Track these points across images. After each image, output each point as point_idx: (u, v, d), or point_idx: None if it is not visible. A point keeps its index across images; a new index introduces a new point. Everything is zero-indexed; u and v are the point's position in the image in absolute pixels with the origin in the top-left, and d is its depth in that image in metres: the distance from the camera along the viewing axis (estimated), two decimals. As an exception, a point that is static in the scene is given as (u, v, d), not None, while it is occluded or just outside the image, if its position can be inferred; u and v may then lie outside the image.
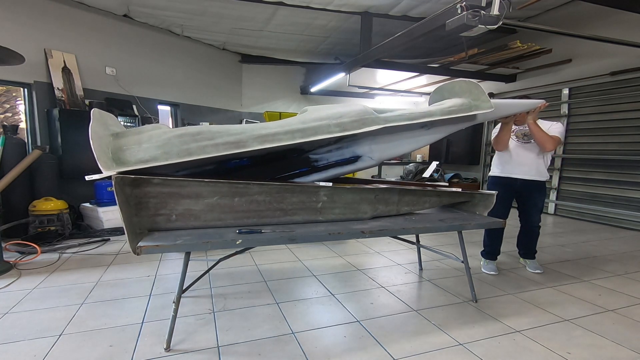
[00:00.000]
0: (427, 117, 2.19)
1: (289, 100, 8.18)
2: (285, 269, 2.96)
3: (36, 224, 3.59)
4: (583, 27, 4.89)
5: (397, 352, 1.77)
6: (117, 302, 2.30)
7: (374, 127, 2.04)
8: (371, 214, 2.27)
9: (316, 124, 1.96)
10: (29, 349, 1.75)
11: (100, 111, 1.83)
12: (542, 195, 2.89)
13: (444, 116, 2.22)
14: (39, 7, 4.27)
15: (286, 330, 1.97)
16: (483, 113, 2.31)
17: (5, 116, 4.88)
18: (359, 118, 2.03)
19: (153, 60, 5.67)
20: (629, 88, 4.64)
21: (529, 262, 3.05)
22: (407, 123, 2.14)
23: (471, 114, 2.29)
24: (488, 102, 2.27)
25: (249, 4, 4.67)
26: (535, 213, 2.91)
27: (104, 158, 1.58)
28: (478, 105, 2.29)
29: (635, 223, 4.60)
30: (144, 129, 1.87)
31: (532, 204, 2.89)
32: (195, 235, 1.76)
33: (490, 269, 2.96)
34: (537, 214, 2.91)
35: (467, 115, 2.29)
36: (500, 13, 2.66)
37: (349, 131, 1.99)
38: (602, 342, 1.91)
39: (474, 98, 2.34)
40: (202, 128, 1.86)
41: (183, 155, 1.72)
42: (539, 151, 2.79)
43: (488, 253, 3.03)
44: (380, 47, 4.52)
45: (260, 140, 1.84)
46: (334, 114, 2.03)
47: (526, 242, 3.03)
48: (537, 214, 2.91)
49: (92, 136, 1.56)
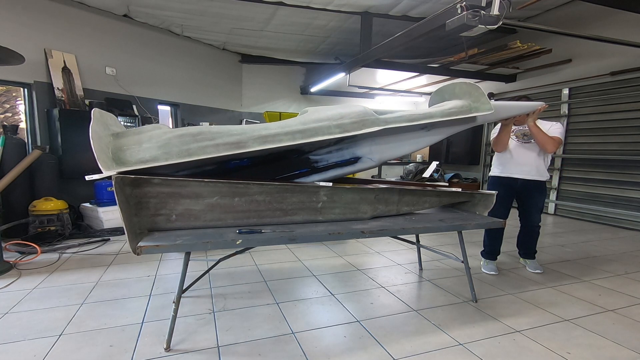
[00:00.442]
0: (427, 118, 2.20)
1: (289, 100, 8.18)
2: (285, 269, 2.96)
3: (36, 224, 3.59)
4: (583, 27, 4.90)
5: (397, 352, 1.77)
6: (117, 302, 2.30)
7: (374, 128, 2.05)
8: (371, 214, 2.27)
9: (316, 125, 1.97)
10: (29, 349, 1.75)
11: (100, 111, 1.83)
12: (543, 195, 2.89)
13: (444, 118, 2.23)
14: (39, 7, 4.27)
15: (286, 330, 1.97)
16: (483, 115, 2.32)
17: (5, 116, 4.88)
18: (359, 119, 2.04)
19: (153, 60, 5.67)
20: (629, 88, 4.64)
21: (529, 262, 3.04)
22: (407, 124, 2.15)
23: (471, 115, 2.29)
24: (488, 104, 2.28)
25: (249, 4, 4.67)
26: (535, 213, 2.91)
27: (104, 158, 1.58)
28: (478, 108, 2.30)
29: (635, 223, 4.60)
30: (144, 129, 1.87)
31: (533, 204, 2.88)
32: (195, 235, 1.76)
33: (490, 269, 2.96)
34: (537, 214, 2.91)
35: (466, 117, 2.30)
36: (500, 13, 2.66)
37: (349, 132, 2.00)
38: (602, 342, 1.91)
39: (474, 100, 2.35)
40: (202, 128, 1.86)
41: (183, 155, 1.72)
42: (539, 151, 2.79)
43: (488, 253, 3.03)
44: (380, 47, 4.52)
45: (261, 141, 1.85)
46: (335, 115, 2.03)
47: (526, 242, 3.03)
48: (537, 214, 2.91)
49: (92, 136, 1.56)
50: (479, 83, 6.77)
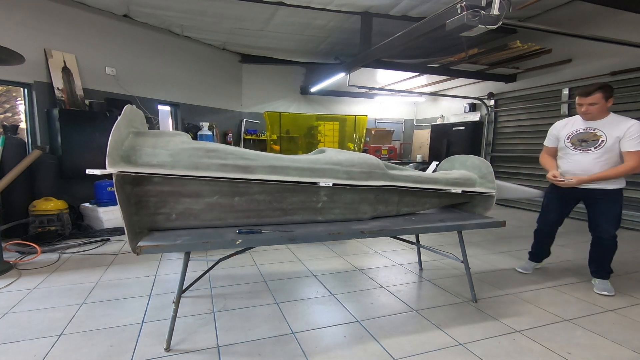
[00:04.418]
0: (431, 183, 2.38)
1: (289, 100, 8.18)
2: (285, 269, 2.96)
3: (36, 224, 3.59)
4: (583, 27, 4.90)
5: (397, 352, 1.77)
6: (117, 302, 2.30)
7: (379, 182, 2.18)
8: (371, 214, 2.27)
9: (326, 167, 2.06)
10: (29, 349, 1.75)
11: (132, 108, 1.84)
12: (612, 204, 2.48)
13: (448, 187, 2.44)
14: (39, 7, 4.27)
15: (286, 330, 1.97)
16: (484, 193, 2.49)
17: (5, 116, 4.88)
18: (368, 170, 2.15)
19: (153, 60, 5.67)
20: (629, 88, 4.63)
21: (598, 281, 2.60)
22: (412, 186, 2.31)
23: (472, 190, 2.47)
24: (492, 184, 2.47)
25: (249, 4, 4.67)
26: (604, 223, 2.50)
27: (114, 154, 1.59)
28: (482, 184, 2.49)
29: (635, 223, 4.60)
30: (164, 133, 1.88)
31: (599, 213, 2.51)
32: (195, 235, 1.76)
33: (522, 267, 2.93)
34: (607, 224, 2.50)
35: (468, 192, 2.47)
36: (500, 13, 2.66)
37: (355, 181, 2.11)
38: (602, 342, 1.91)
39: (481, 176, 2.52)
40: (219, 146, 1.90)
41: (190, 168, 1.75)
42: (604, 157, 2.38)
43: (531, 254, 2.98)
44: (380, 47, 4.52)
45: (269, 170, 1.91)
46: (346, 161, 2.13)
47: (596, 256, 2.61)
48: (607, 224, 2.50)
49: (113, 130, 1.58)
50: (479, 83, 6.79)
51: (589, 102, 2.35)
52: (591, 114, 2.38)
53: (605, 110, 2.37)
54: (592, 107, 2.35)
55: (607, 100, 2.33)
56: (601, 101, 2.32)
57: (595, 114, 2.38)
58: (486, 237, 4.09)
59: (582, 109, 2.41)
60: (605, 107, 2.35)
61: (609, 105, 2.35)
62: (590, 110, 2.36)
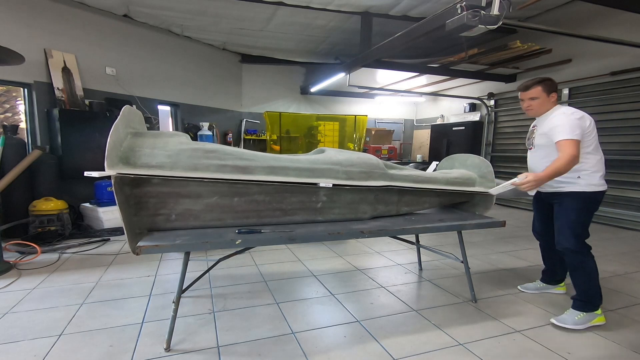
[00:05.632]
0: (431, 183, 2.39)
1: (289, 100, 8.18)
2: (285, 269, 2.96)
3: (36, 224, 3.59)
4: (583, 27, 4.89)
5: (397, 352, 1.77)
6: (117, 302, 2.30)
7: (379, 182, 2.18)
8: (371, 214, 2.27)
9: (326, 167, 2.05)
10: (29, 349, 1.75)
11: (130, 108, 1.84)
12: (565, 211, 2.13)
13: (447, 186, 2.43)
14: (39, 7, 4.27)
15: (286, 330, 1.97)
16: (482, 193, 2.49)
17: (5, 116, 4.88)
18: (367, 170, 2.15)
19: (153, 60, 5.67)
20: (629, 88, 4.63)
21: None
22: (411, 186, 2.31)
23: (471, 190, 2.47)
24: (492, 183, 2.49)
25: (249, 4, 4.67)
26: (556, 232, 2.19)
27: (112, 156, 1.59)
28: (482, 183, 2.50)
29: (635, 223, 4.59)
30: (163, 133, 1.88)
31: (555, 220, 2.22)
32: (195, 235, 1.76)
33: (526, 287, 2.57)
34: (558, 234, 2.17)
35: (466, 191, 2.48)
36: (500, 13, 2.66)
37: (354, 181, 2.10)
38: (602, 342, 1.91)
39: (481, 175, 2.53)
40: (218, 147, 1.90)
41: (188, 169, 1.75)
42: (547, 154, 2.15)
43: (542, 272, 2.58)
44: (380, 47, 4.52)
45: (268, 171, 1.91)
46: (345, 161, 2.13)
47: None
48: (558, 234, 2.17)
49: (111, 131, 1.57)
50: (479, 83, 6.78)
51: (529, 97, 2.21)
52: (534, 110, 2.22)
53: (548, 105, 2.19)
54: (533, 102, 2.19)
55: (549, 95, 2.17)
56: (542, 95, 2.17)
57: (537, 109, 2.21)
58: (486, 237, 4.09)
59: (524, 105, 2.25)
60: (548, 101, 2.17)
61: (552, 99, 2.19)
62: (533, 106, 2.21)
